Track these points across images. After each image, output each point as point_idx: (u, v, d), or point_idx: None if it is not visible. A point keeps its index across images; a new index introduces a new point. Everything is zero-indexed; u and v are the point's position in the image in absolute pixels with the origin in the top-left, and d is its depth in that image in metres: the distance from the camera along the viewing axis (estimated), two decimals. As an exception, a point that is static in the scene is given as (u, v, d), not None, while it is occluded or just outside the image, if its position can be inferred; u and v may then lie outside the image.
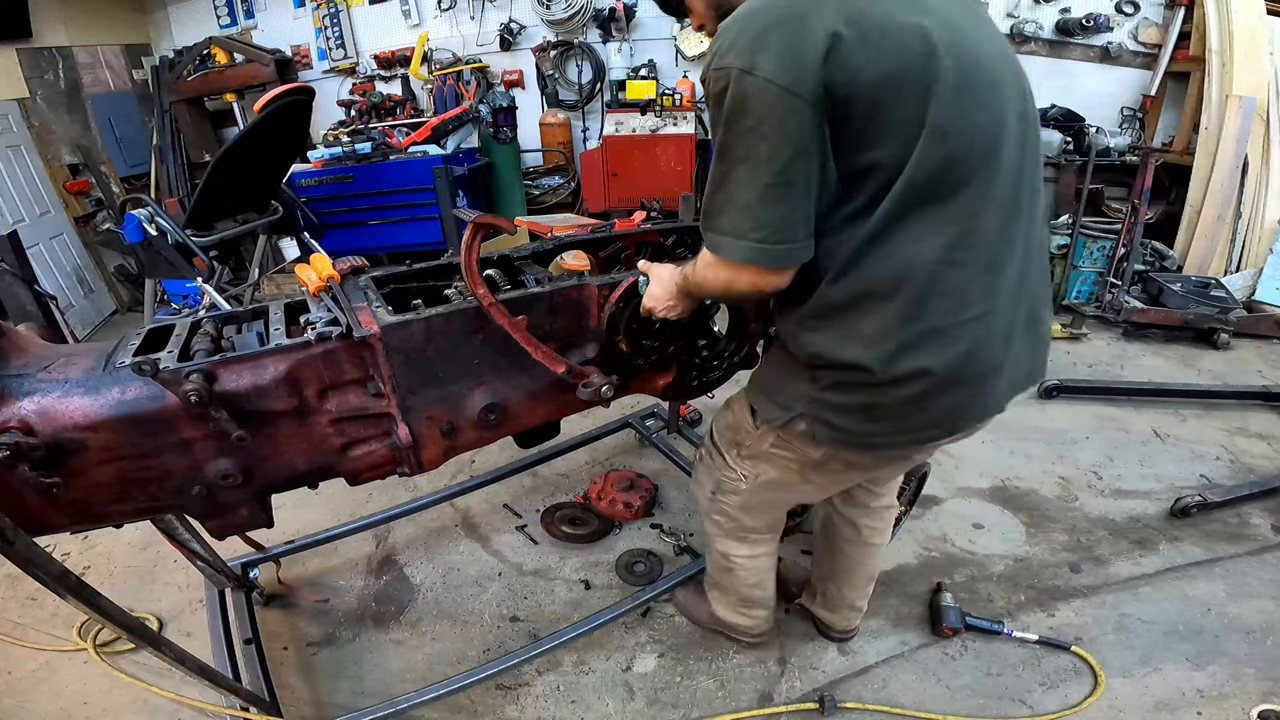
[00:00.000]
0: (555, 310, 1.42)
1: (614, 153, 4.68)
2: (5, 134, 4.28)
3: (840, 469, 1.27)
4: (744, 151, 0.92)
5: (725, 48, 0.90)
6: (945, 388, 1.02)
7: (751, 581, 1.69)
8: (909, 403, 1.03)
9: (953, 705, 1.72)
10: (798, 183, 0.91)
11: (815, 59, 0.85)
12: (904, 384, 1.01)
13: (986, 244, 0.97)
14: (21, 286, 2.80)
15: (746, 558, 1.63)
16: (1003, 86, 0.96)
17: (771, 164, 0.90)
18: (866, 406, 1.07)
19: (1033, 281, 1.07)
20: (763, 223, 0.93)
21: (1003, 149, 0.96)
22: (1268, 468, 2.61)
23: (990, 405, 1.09)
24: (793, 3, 0.88)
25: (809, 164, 0.90)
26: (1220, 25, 4.01)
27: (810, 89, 0.86)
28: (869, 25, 0.86)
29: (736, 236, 0.96)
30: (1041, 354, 1.17)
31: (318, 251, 3.51)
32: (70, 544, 2.35)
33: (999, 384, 1.07)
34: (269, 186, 3.39)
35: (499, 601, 2.09)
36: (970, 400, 1.06)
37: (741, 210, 0.95)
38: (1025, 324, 1.07)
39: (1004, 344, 1.04)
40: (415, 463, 1.38)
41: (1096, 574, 2.13)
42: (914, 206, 0.93)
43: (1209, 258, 4.13)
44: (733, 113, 0.91)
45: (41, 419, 1.06)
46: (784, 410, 1.19)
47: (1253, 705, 1.68)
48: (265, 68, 4.74)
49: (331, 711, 1.72)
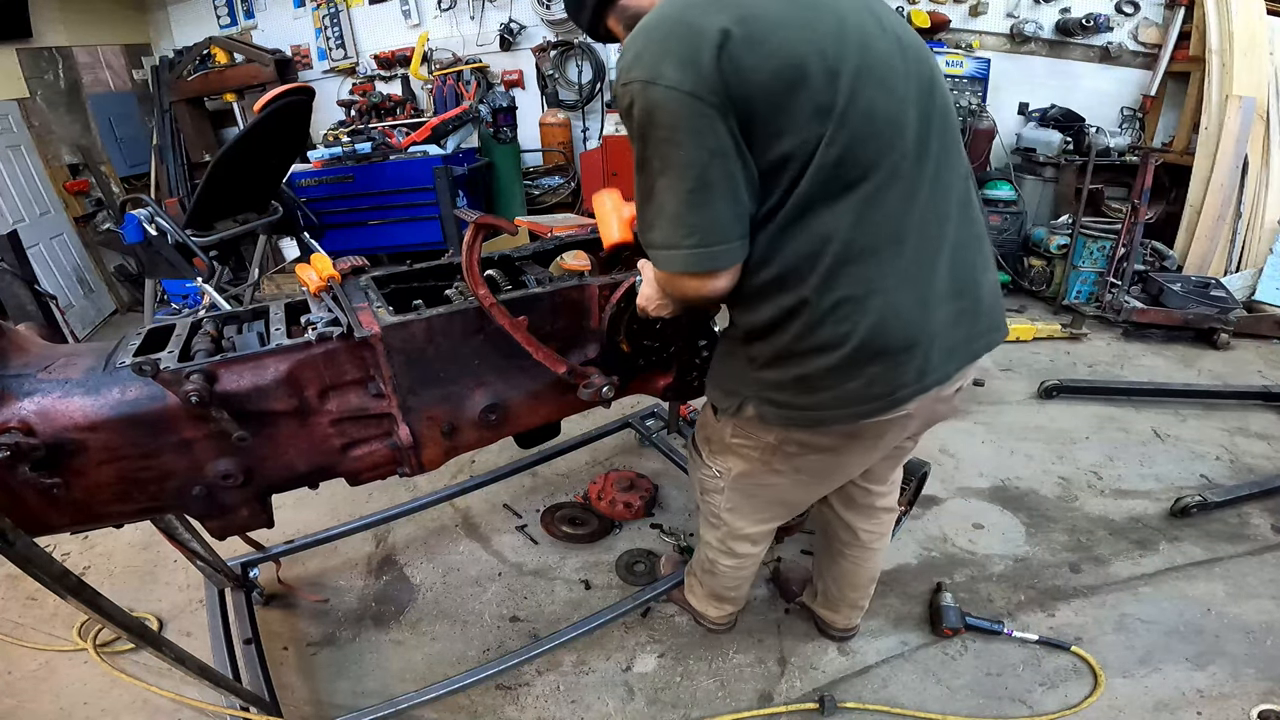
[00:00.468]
0: (556, 310, 1.42)
1: (614, 153, 4.68)
2: (5, 134, 4.27)
3: (797, 452, 1.28)
4: (661, 162, 0.94)
5: (629, 63, 0.93)
6: (867, 355, 1.05)
7: (729, 585, 1.75)
8: (835, 372, 1.07)
9: (953, 705, 1.72)
10: (718, 184, 0.93)
11: (711, 61, 0.87)
12: (825, 352, 1.05)
13: (891, 220, 1.01)
14: (21, 286, 2.80)
15: (731, 568, 1.67)
16: (897, 71, 0.99)
17: (690, 169, 0.92)
18: (799, 379, 1.10)
19: (954, 251, 1.10)
20: (693, 228, 0.95)
21: (903, 130, 0.99)
22: (1268, 468, 2.61)
23: (927, 372, 1.10)
24: (686, 11, 0.91)
25: (726, 164, 0.92)
26: (1220, 25, 4.01)
27: (711, 90, 0.88)
28: (759, 24, 0.89)
29: (671, 247, 0.99)
30: (984, 320, 1.18)
31: (318, 251, 3.51)
32: (70, 544, 2.35)
33: (930, 352, 1.09)
34: (269, 186, 3.39)
35: (499, 601, 2.09)
36: (900, 368, 1.07)
37: (671, 220, 0.97)
38: (950, 292, 1.10)
39: (921, 311, 1.06)
40: (416, 463, 1.38)
41: (1096, 574, 2.13)
42: (823, 190, 0.96)
43: (1209, 258, 4.13)
44: (645, 125, 0.93)
45: (42, 419, 1.06)
46: (732, 397, 1.25)
47: (1253, 705, 1.68)
48: (265, 68, 4.74)
49: (331, 711, 1.72)
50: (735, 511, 1.52)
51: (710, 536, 1.63)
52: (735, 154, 0.92)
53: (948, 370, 1.13)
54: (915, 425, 1.29)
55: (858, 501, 1.61)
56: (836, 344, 1.04)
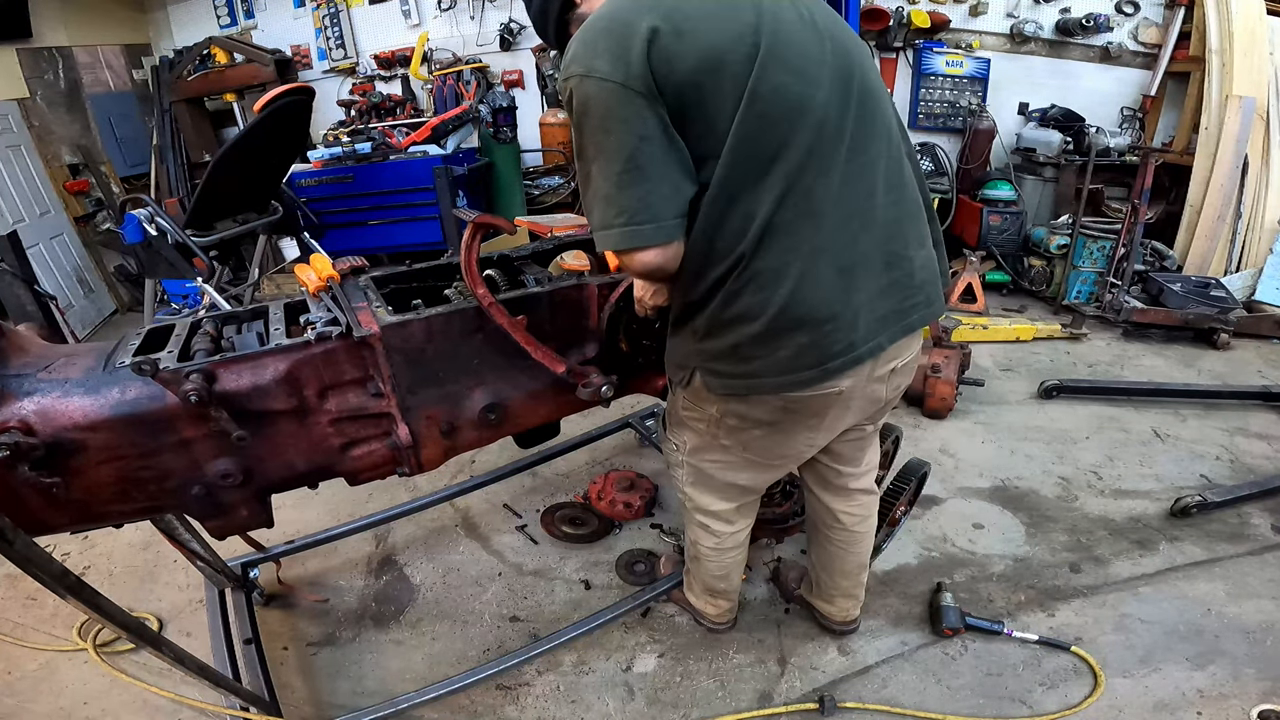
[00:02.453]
0: (555, 310, 1.42)
1: (614, 153, 4.67)
2: (5, 134, 4.28)
3: (737, 425, 1.33)
4: (595, 149, 1.02)
5: (569, 59, 1.01)
6: (788, 323, 1.11)
7: (716, 573, 1.76)
8: (761, 339, 1.13)
9: (953, 705, 1.72)
10: (647, 167, 1.00)
11: (640, 54, 0.96)
12: (748, 320, 1.12)
13: (808, 196, 1.07)
14: (21, 286, 2.81)
15: (712, 549, 1.68)
16: (811, 57, 1.06)
17: (620, 152, 1.00)
18: (733, 348, 1.17)
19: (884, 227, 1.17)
20: (623, 207, 1.02)
21: (814, 112, 1.05)
22: (1268, 468, 2.61)
23: (855, 344, 1.15)
24: (619, 11, 1.00)
25: (653, 148, 1.00)
26: (1220, 25, 4.01)
27: (639, 80, 0.96)
28: (682, 18, 0.98)
29: (606, 227, 1.05)
30: (918, 294, 1.23)
31: (318, 251, 3.51)
32: (70, 544, 2.35)
33: (856, 322, 1.15)
34: (269, 186, 3.39)
35: (499, 601, 2.09)
36: (826, 339, 1.13)
37: (605, 201, 1.04)
38: (880, 261, 1.16)
39: (843, 281, 1.12)
40: (415, 463, 1.38)
41: (1096, 574, 2.13)
42: (742, 169, 1.04)
43: (1209, 258, 4.13)
44: (581, 115, 1.02)
45: (41, 419, 1.06)
46: (680, 369, 1.32)
47: (1253, 705, 1.68)
48: (265, 68, 4.74)
49: (331, 711, 1.72)
50: (696, 486, 1.57)
51: (686, 515, 1.68)
52: (664, 139, 1.00)
53: (880, 341, 1.19)
54: (858, 404, 1.30)
55: (831, 482, 1.64)
56: (757, 311, 1.11)
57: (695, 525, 1.67)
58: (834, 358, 1.15)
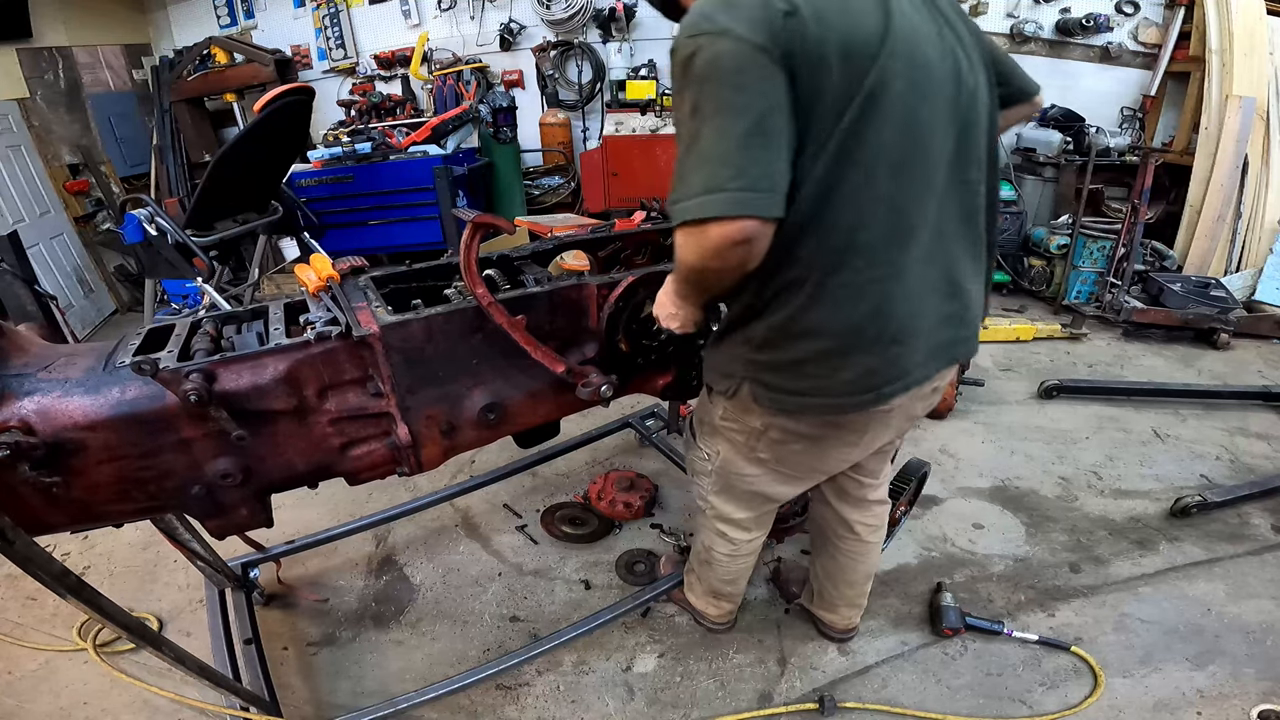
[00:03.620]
0: (554, 310, 1.42)
1: (614, 153, 4.68)
2: (5, 134, 4.28)
3: (780, 439, 1.29)
4: (714, 106, 0.91)
5: (697, 20, 0.93)
6: (859, 343, 1.08)
7: (725, 578, 1.75)
8: (827, 357, 1.09)
9: (953, 705, 1.72)
10: (774, 135, 0.92)
11: (780, 27, 0.89)
12: (818, 335, 1.08)
13: (904, 214, 1.03)
14: (21, 286, 2.80)
15: (727, 556, 1.67)
16: (935, 72, 1.01)
17: (749, 113, 0.90)
18: (793, 363, 1.12)
19: (954, 252, 1.13)
20: (743, 169, 0.90)
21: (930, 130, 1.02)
22: (1268, 468, 2.61)
23: (910, 369, 1.12)
24: None
25: (780, 121, 0.92)
26: (1220, 25, 4.01)
27: (779, 50, 0.89)
28: (820, 4, 0.92)
29: (712, 190, 0.91)
30: (968, 327, 1.21)
31: (318, 251, 3.51)
32: (70, 544, 2.35)
33: (915, 346, 1.11)
34: (269, 186, 3.39)
35: (499, 601, 2.09)
36: (889, 363, 1.10)
37: (717, 161, 0.91)
38: (944, 290, 1.13)
39: (917, 306, 1.09)
40: (415, 462, 1.38)
41: (1096, 574, 2.13)
42: (840, 174, 0.97)
43: (1209, 258, 4.13)
44: (706, 73, 0.91)
45: (42, 418, 1.06)
46: (727, 378, 1.26)
47: (1253, 705, 1.68)
48: (265, 68, 4.75)
49: (331, 711, 1.72)
50: (722, 495, 1.54)
51: (703, 520, 1.66)
52: (789, 115, 0.93)
53: (928, 370, 1.17)
54: (897, 421, 1.30)
55: (851, 493, 1.63)
56: (831, 328, 1.06)
57: (712, 532, 1.64)
58: (891, 382, 1.11)
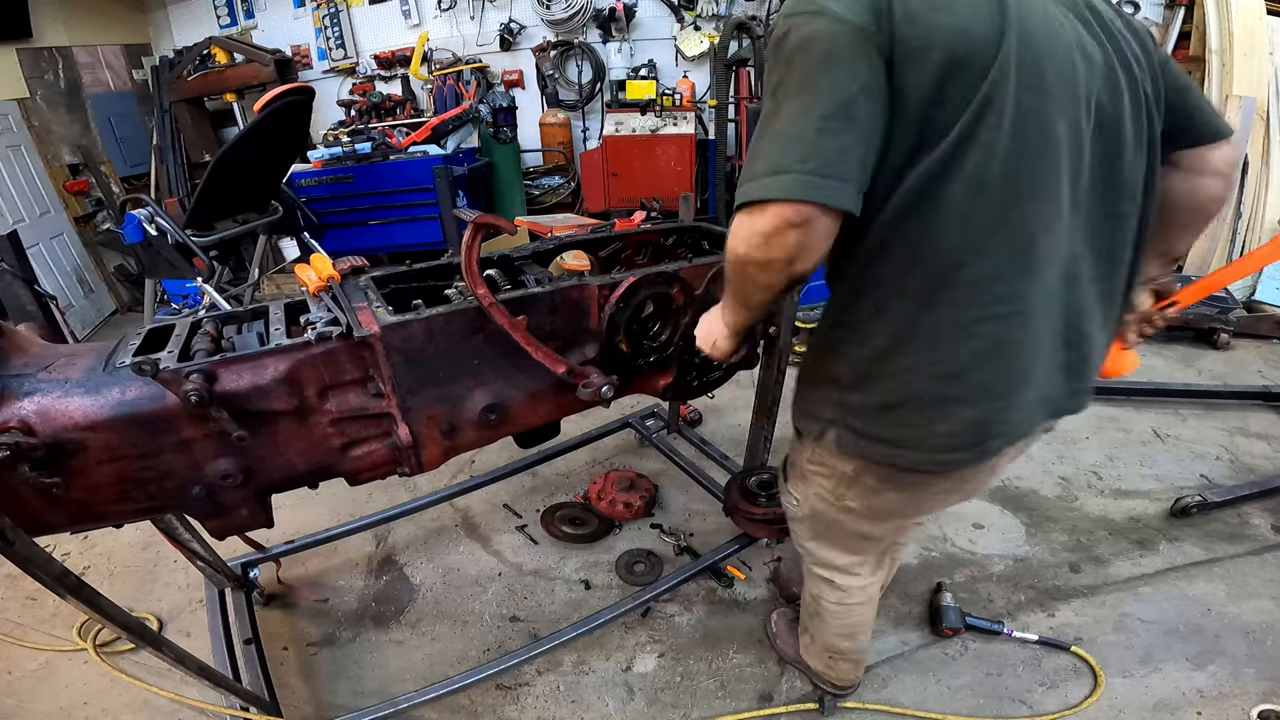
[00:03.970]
0: (555, 310, 1.42)
1: (614, 153, 4.69)
2: (5, 134, 4.28)
3: (874, 486, 1.16)
4: (799, 84, 0.82)
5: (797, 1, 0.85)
6: (963, 391, 0.95)
7: (840, 632, 1.58)
8: (925, 405, 0.97)
9: (953, 705, 1.72)
10: (859, 120, 0.81)
11: (885, 9, 0.81)
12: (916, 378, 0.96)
13: (1023, 239, 0.88)
14: (21, 286, 2.80)
15: (837, 605, 1.51)
16: (1071, 74, 0.87)
17: (835, 93, 0.81)
18: (885, 407, 1.01)
19: (1085, 293, 0.97)
20: (816, 152, 0.81)
21: (1059, 139, 0.87)
22: (1268, 468, 2.61)
23: (1019, 422, 0.99)
24: None
25: (871, 105, 0.82)
26: (1220, 25, 4.01)
27: (879, 33, 0.81)
28: None
29: (778, 172, 0.82)
30: (1080, 381, 1.04)
31: (318, 251, 3.52)
32: (70, 544, 2.35)
33: (1026, 396, 0.97)
34: (269, 186, 3.39)
35: (499, 601, 2.09)
36: (994, 417, 0.96)
37: (790, 141, 0.82)
38: (1064, 337, 0.98)
39: (1032, 354, 0.94)
40: (415, 463, 1.38)
41: (1096, 574, 2.13)
42: (947, 186, 0.86)
43: (1209, 258, 4.12)
44: (796, 50, 0.83)
45: (41, 419, 1.06)
46: (814, 420, 1.16)
47: (1253, 705, 1.68)
48: (265, 68, 4.75)
49: (331, 711, 1.73)
50: (819, 540, 1.43)
51: (805, 568, 1.53)
52: (883, 101, 0.83)
53: (1035, 423, 1.03)
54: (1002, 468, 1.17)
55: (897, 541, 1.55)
56: (929, 371, 0.94)
57: (817, 579, 1.50)
58: (994, 438, 0.98)
